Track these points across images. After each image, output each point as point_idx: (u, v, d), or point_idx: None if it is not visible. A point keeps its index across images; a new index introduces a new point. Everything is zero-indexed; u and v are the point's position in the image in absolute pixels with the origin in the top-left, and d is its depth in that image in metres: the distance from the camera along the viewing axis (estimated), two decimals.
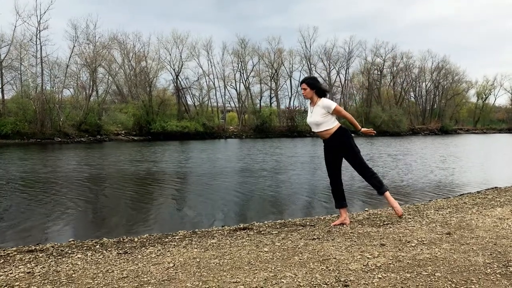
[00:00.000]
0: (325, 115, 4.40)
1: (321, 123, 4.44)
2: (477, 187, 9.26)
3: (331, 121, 4.45)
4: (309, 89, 4.41)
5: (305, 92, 4.45)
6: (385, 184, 4.71)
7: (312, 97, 4.45)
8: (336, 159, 4.60)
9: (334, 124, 4.46)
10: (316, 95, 4.43)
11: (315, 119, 4.45)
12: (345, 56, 62.05)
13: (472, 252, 3.29)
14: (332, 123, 4.45)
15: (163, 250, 3.72)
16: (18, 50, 40.03)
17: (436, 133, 61.95)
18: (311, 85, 4.42)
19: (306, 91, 4.43)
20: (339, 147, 4.51)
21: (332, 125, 4.45)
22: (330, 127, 4.44)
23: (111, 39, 47.27)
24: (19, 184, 10.34)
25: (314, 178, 11.28)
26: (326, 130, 4.45)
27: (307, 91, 4.42)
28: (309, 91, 4.42)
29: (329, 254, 3.30)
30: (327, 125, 4.44)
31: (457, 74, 71.25)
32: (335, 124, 4.47)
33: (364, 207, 6.93)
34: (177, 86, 51.69)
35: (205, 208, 7.34)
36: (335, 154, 4.58)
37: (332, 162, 4.62)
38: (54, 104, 38.97)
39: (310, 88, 4.41)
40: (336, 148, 4.52)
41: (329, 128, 4.44)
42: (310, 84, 4.42)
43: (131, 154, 21.37)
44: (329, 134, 4.47)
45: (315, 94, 4.43)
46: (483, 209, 5.38)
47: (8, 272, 3.15)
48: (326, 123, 4.43)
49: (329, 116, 4.42)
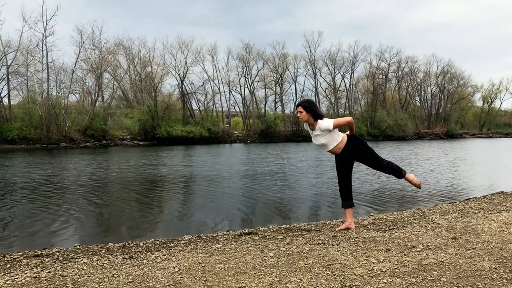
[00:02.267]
0: (328, 136, 4.40)
1: (327, 143, 4.45)
2: (483, 191, 9.20)
3: (336, 136, 4.44)
4: (305, 112, 4.39)
5: (301, 115, 4.44)
6: (402, 167, 4.73)
7: (308, 120, 4.45)
8: (350, 166, 4.62)
9: (340, 137, 4.45)
10: (312, 118, 4.43)
11: (320, 141, 4.47)
12: (350, 60, 62.13)
13: (478, 257, 3.27)
14: (339, 137, 4.45)
15: (168, 255, 3.72)
16: (25, 56, 40.42)
17: (441, 137, 61.70)
18: (307, 108, 4.41)
19: (302, 114, 4.42)
20: (355, 155, 4.54)
21: (340, 138, 4.44)
22: (338, 142, 4.44)
23: (116, 44, 47.70)
24: (25, 188, 10.40)
25: (319, 182, 11.26)
26: (336, 146, 4.47)
27: (303, 114, 4.41)
28: (305, 114, 4.40)
29: (334, 259, 3.29)
30: (335, 142, 4.44)
31: (462, 78, 71.17)
32: (342, 137, 4.47)
33: (369, 212, 6.92)
34: (182, 91, 51.89)
35: (210, 213, 7.35)
36: (349, 162, 4.59)
37: (345, 170, 4.62)
38: (60, 109, 39.25)
39: (306, 112, 4.39)
40: (352, 156, 4.55)
41: (338, 143, 4.45)
42: (305, 107, 4.41)
43: (136, 159, 21.44)
44: (340, 148, 4.47)
45: (311, 117, 4.43)
46: (489, 214, 5.35)
47: (15, 276, 3.16)
48: (332, 141, 4.43)
49: (332, 133, 4.40)
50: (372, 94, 62.87)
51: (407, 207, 7.57)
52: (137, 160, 20.62)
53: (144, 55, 51.05)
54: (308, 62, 60.56)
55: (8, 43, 39.10)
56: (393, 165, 4.65)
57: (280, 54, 58.92)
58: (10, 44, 39.25)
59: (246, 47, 57.21)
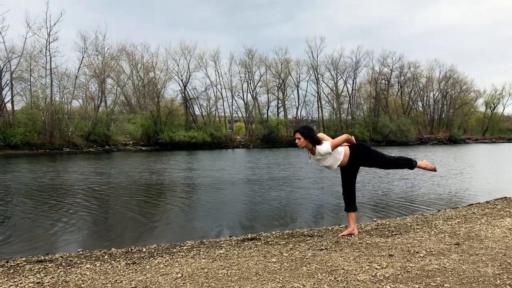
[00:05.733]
0: (329, 157, 4.43)
1: (331, 165, 4.49)
2: (486, 197, 9.17)
3: (337, 155, 4.45)
4: (303, 138, 4.43)
5: (299, 141, 4.47)
6: (412, 158, 4.77)
7: (306, 146, 4.47)
8: (354, 173, 4.65)
9: (342, 154, 4.47)
10: (310, 144, 4.45)
11: (324, 165, 4.50)
12: (352, 66, 62.02)
13: (481, 263, 3.27)
14: (340, 155, 4.46)
15: (171, 260, 3.73)
16: (28, 62, 40.54)
17: (444, 142, 61.58)
18: (304, 134, 4.43)
19: (300, 140, 4.45)
20: (361, 163, 4.60)
21: (341, 156, 4.46)
22: (341, 159, 4.47)
23: (119, 50, 47.74)
24: (28, 194, 10.42)
25: (321, 188, 11.25)
26: (340, 163, 4.50)
27: (301, 140, 4.44)
28: (303, 140, 4.43)
29: (337, 265, 3.29)
30: (338, 161, 4.47)
31: (465, 84, 70.99)
32: (343, 152, 4.48)
33: (372, 217, 6.91)
34: (185, 96, 51.98)
35: (212, 219, 7.35)
36: (355, 170, 4.63)
37: (349, 176, 4.64)
38: (63, 114, 39.36)
39: (304, 138, 4.43)
40: (358, 164, 4.60)
41: (341, 160, 4.48)
42: (303, 134, 4.43)
43: (139, 164, 21.46)
44: (345, 162, 4.51)
45: (309, 143, 4.45)
46: (492, 220, 5.34)
47: (18, 282, 3.17)
48: (335, 160, 4.46)
49: (332, 154, 4.42)
50: (374, 99, 62.82)
51: (410, 212, 7.55)
52: (139, 166, 20.64)
53: (147, 60, 51.16)
54: (310, 67, 60.56)
55: (12, 48, 39.26)
56: (403, 159, 4.70)
57: (283, 60, 58.99)
58: (14, 50, 39.41)
59: (248, 53, 57.33)
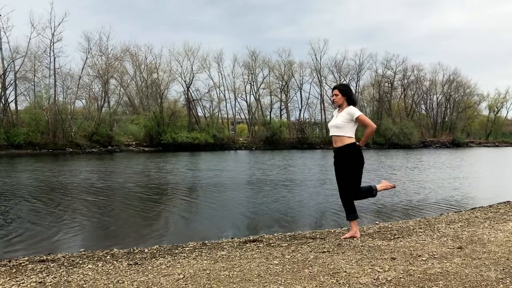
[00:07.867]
0: (347, 121, 4.43)
1: (340, 127, 4.46)
2: (489, 201, 9.14)
3: (350, 131, 4.46)
4: (341, 95, 4.50)
5: (336, 98, 4.54)
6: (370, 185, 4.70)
7: (342, 104, 4.52)
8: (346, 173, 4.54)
9: (350, 135, 4.47)
10: (346, 103, 4.50)
11: (337, 122, 4.49)
12: (355, 68, 62.11)
13: (484, 267, 3.25)
14: (350, 133, 4.46)
15: (173, 261, 3.73)
16: (32, 62, 40.73)
17: (447, 146, 61.42)
18: (343, 91, 4.52)
19: (337, 97, 4.52)
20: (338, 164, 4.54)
21: (348, 134, 4.45)
22: (346, 135, 4.45)
23: (123, 51, 47.87)
24: (31, 193, 10.44)
25: (324, 190, 11.24)
26: (341, 136, 4.46)
27: (339, 97, 4.51)
28: (341, 97, 4.50)
29: (339, 268, 3.28)
30: (344, 132, 4.45)
31: (468, 87, 70.88)
32: (351, 137, 4.48)
33: (374, 220, 6.89)
34: (188, 97, 52.07)
35: (215, 220, 7.35)
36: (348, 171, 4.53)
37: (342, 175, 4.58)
38: (66, 115, 39.51)
39: (341, 95, 4.51)
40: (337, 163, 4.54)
41: (347, 137, 4.45)
42: (342, 91, 4.52)
43: (142, 165, 21.49)
44: (342, 142, 4.47)
45: (345, 102, 4.49)
46: (495, 224, 5.32)
47: (20, 281, 3.18)
48: (345, 129, 4.44)
49: (350, 124, 4.44)
50: (377, 102, 62.79)
51: (413, 215, 7.54)
52: (142, 166, 20.67)
53: (150, 61, 51.28)
54: (313, 69, 60.58)
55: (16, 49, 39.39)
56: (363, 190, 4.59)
57: (286, 62, 59.02)
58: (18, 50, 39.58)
59: (252, 54, 57.38)
